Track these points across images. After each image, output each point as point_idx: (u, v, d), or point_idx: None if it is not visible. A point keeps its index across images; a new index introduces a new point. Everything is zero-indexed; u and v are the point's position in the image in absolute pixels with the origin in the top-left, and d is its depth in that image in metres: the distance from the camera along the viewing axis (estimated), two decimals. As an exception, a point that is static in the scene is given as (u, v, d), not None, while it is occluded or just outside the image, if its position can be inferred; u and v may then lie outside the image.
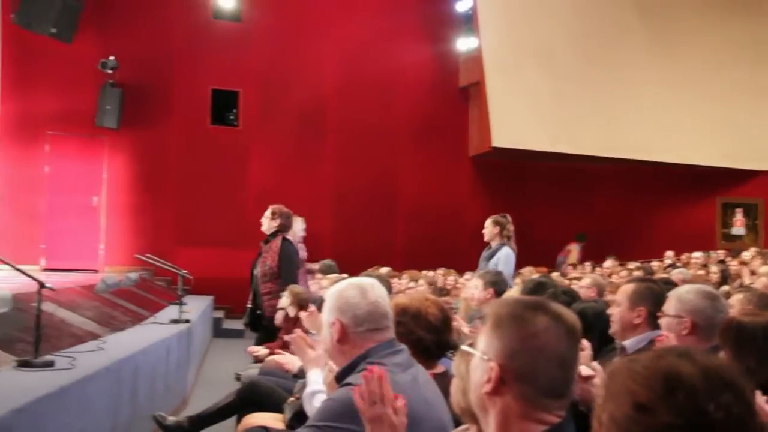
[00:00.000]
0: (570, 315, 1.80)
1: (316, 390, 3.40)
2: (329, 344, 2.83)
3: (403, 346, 2.81)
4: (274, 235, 7.71)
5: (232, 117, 15.14)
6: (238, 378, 6.62)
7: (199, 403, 6.76)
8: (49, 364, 4.23)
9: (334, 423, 2.49)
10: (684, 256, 12.99)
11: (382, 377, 2.17)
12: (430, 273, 10.71)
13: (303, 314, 5.82)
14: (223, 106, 14.98)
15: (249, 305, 7.80)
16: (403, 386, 2.42)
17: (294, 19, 15.06)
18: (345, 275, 7.34)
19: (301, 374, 4.59)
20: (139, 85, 14.08)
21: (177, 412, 6.18)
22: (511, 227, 8.12)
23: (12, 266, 4.55)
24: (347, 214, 14.89)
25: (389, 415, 2.15)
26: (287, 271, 7.57)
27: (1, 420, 3.02)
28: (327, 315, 2.84)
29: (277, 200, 14.17)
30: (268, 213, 7.82)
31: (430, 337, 3.19)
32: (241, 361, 8.07)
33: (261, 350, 6.89)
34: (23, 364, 4.17)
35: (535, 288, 5.14)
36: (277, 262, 7.56)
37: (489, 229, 8.09)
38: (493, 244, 8.02)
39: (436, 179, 15.84)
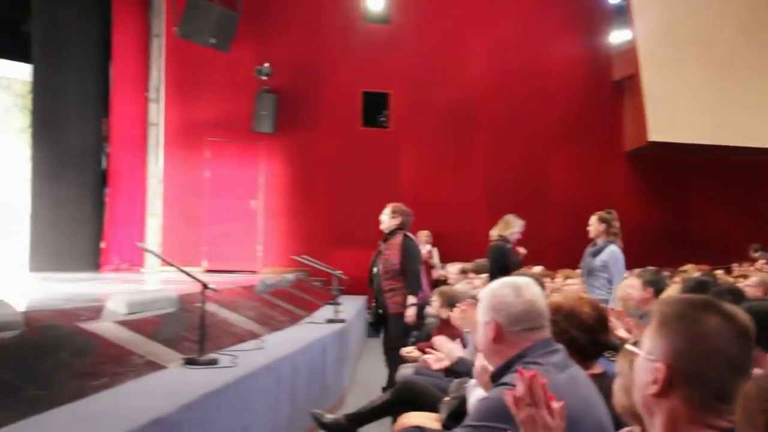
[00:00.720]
0: (743, 315, 1.71)
1: None
2: (484, 343, 2.80)
3: (560, 346, 2.76)
4: (393, 232, 7.69)
5: (382, 119, 15.30)
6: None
7: (355, 402, 6.86)
8: (213, 362, 4.39)
9: (490, 423, 2.46)
10: None
11: (535, 378, 2.12)
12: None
13: (454, 312, 5.82)
14: (374, 108, 15.15)
15: (374, 304, 7.84)
16: (560, 386, 2.36)
17: (442, 18, 15.06)
18: (498, 274, 7.28)
19: (453, 371, 4.58)
20: (292, 90, 14.44)
21: (334, 411, 6.29)
22: (617, 224, 7.91)
23: (177, 268, 4.76)
24: (498, 212, 14.60)
25: (543, 418, 2.10)
26: (410, 268, 7.55)
27: (169, 415, 3.16)
28: (482, 314, 2.81)
29: (429, 200, 14.34)
30: (387, 211, 7.77)
31: (584, 337, 3.10)
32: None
33: (414, 352, 6.91)
34: (189, 362, 4.35)
35: (698, 286, 4.95)
36: (399, 259, 7.54)
37: (594, 225, 7.93)
38: (599, 242, 7.83)
39: (590, 175, 15.45)
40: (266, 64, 13.80)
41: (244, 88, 14.01)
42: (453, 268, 9.93)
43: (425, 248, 13.82)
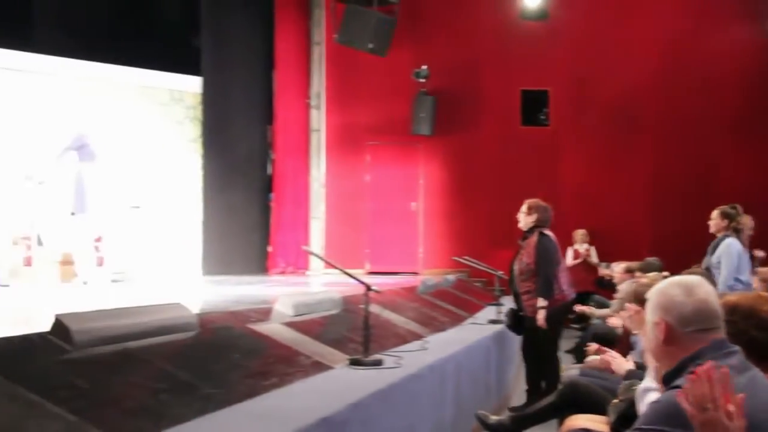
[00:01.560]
0: None
1: (651, 387, 3.27)
2: (654, 345, 2.71)
3: (737, 348, 2.61)
4: (531, 230, 7.23)
5: (542, 117, 15.05)
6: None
7: (519, 404, 6.79)
8: (378, 363, 4.44)
9: (660, 427, 2.37)
10: None
11: (710, 377, 2.02)
12: (763, 269, 9.89)
13: (623, 314, 5.65)
14: (533, 106, 14.92)
15: (513, 306, 7.45)
16: (739, 390, 2.25)
17: (602, 10, 14.61)
18: (666, 273, 7.01)
19: (629, 375, 4.45)
20: (450, 91, 14.45)
21: (498, 412, 6.24)
22: (741, 219, 7.39)
23: (341, 270, 4.85)
24: (665, 209, 14.20)
25: (722, 420, 1.99)
26: (542, 268, 7.05)
27: (337, 413, 3.22)
28: (651, 314, 2.71)
29: (590, 199, 14.02)
30: (524, 208, 7.30)
31: (765, 337, 2.91)
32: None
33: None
34: (354, 363, 4.42)
35: None
36: (534, 259, 7.08)
37: (716, 221, 7.46)
38: (719, 237, 7.38)
39: (766, 171, 14.57)
40: (424, 67, 13.89)
41: (402, 91, 14.14)
42: (618, 267, 9.63)
43: (582, 247, 13.60)
